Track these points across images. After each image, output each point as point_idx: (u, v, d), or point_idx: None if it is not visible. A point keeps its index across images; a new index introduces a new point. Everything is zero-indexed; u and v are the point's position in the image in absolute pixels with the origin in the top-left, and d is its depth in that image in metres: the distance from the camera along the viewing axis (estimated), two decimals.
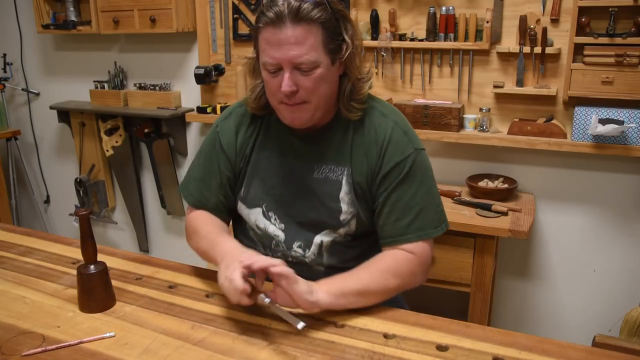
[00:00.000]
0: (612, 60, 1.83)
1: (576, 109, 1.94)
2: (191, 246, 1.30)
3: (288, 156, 1.26)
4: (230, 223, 1.39)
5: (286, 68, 1.11)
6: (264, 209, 1.28)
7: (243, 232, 1.35)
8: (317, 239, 1.25)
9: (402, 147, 1.20)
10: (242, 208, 1.31)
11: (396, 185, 1.19)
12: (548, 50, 1.94)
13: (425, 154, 1.25)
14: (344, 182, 1.22)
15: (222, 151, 1.30)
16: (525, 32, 1.96)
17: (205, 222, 1.28)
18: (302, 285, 1.02)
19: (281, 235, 1.27)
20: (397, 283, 1.14)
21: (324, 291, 1.06)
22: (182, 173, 2.87)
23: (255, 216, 1.29)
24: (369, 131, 1.22)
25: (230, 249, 1.14)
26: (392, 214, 1.20)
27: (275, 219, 1.27)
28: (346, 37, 1.16)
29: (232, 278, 1.00)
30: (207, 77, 2.46)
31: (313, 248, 1.25)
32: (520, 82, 2.02)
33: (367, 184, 1.22)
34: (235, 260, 1.04)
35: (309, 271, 1.25)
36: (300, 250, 1.26)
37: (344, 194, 1.22)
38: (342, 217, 1.23)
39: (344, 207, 1.22)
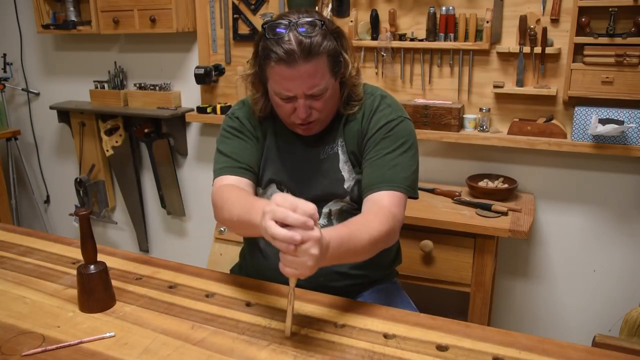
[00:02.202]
0: (612, 60, 1.83)
1: (576, 109, 1.94)
2: (222, 218, 1.21)
3: (298, 145, 1.35)
4: None
5: (300, 98, 1.20)
6: (278, 185, 1.36)
7: None
8: (326, 208, 1.34)
9: (386, 114, 1.30)
10: (257, 190, 1.38)
11: (377, 143, 1.28)
12: (548, 50, 1.94)
13: (410, 124, 1.33)
14: (340, 152, 1.33)
15: (243, 128, 1.35)
16: (525, 32, 1.96)
17: (232, 191, 1.22)
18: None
19: None
20: (372, 231, 1.11)
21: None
22: (182, 173, 2.87)
23: (271, 190, 1.36)
24: (360, 110, 1.32)
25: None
26: (369, 168, 1.28)
27: (287, 192, 1.34)
28: (345, 56, 1.24)
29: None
30: (207, 77, 2.46)
31: (322, 217, 1.34)
32: (520, 82, 2.02)
33: (359, 150, 1.32)
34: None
35: None
36: None
37: (342, 163, 1.33)
38: (346, 184, 1.32)
39: (346, 175, 1.32)
